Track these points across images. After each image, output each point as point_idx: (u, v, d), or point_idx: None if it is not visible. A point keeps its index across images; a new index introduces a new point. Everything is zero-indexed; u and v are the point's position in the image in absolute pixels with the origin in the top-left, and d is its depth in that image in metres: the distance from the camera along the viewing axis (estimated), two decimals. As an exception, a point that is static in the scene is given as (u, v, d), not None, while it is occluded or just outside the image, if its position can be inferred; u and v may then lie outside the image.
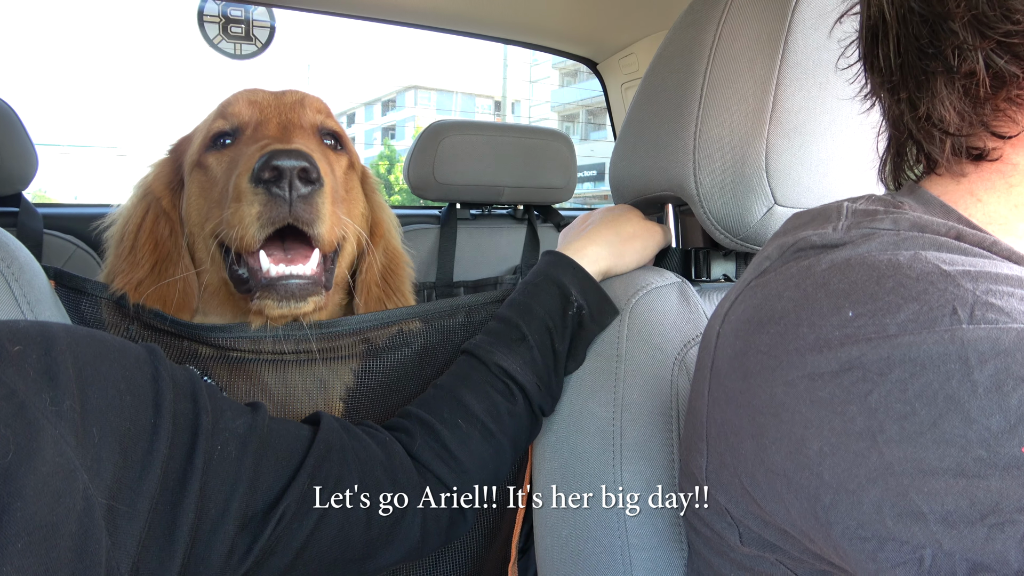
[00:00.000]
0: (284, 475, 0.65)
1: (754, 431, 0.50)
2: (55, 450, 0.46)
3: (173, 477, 0.56)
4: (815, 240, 0.54)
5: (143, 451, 0.54)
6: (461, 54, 65.14)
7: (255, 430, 0.64)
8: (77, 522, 0.46)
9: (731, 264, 1.05)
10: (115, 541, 0.49)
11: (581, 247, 0.90)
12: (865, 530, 0.42)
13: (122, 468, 0.52)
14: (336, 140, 0.95)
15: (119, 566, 0.49)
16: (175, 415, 0.57)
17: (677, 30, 0.93)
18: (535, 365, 0.82)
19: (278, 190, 0.74)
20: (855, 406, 0.43)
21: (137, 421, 0.54)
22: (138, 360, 0.58)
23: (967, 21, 0.49)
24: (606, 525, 0.75)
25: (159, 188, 0.91)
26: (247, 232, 0.75)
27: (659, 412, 0.77)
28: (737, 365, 0.53)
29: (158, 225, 0.88)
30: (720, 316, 0.59)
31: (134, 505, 0.52)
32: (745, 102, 0.82)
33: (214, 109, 0.92)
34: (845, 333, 0.45)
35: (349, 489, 0.68)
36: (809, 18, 0.81)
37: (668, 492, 0.74)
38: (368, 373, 0.89)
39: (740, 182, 0.82)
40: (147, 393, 0.56)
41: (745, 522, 0.55)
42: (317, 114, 0.93)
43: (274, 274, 0.78)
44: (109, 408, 0.52)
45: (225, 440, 0.61)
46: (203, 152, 0.88)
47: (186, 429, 0.58)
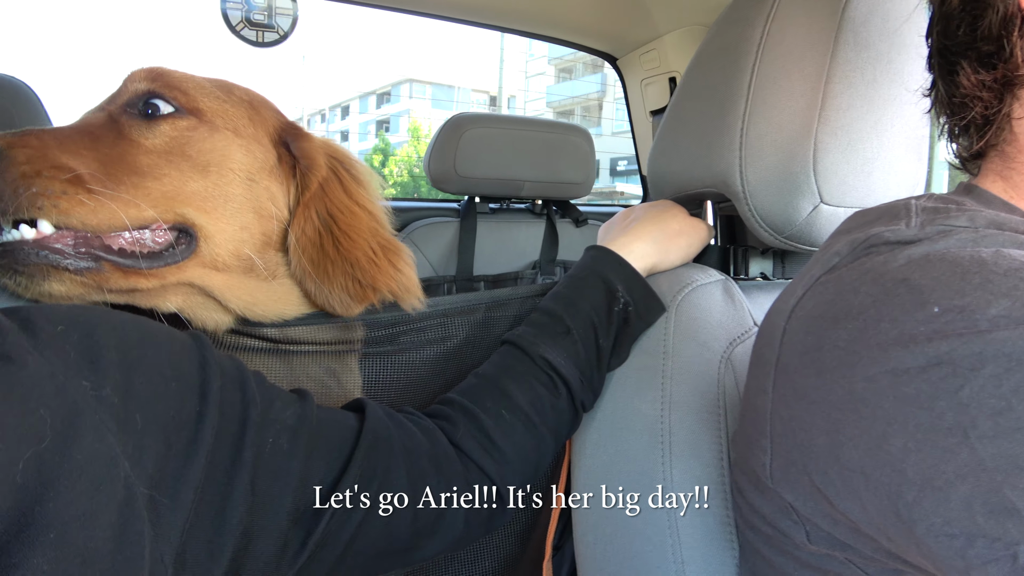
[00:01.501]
0: (334, 468, 0.64)
1: (828, 427, 0.50)
2: (95, 436, 0.45)
3: (220, 468, 0.54)
4: (888, 236, 0.54)
5: (187, 440, 0.52)
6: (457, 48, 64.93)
7: (305, 421, 0.63)
8: (117, 511, 0.44)
9: (768, 262, 1.04)
10: (157, 531, 0.48)
11: (627, 243, 0.89)
12: (952, 527, 0.42)
13: (165, 457, 0.50)
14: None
15: (163, 556, 0.48)
16: (222, 404, 0.56)
17: (721, 26, 0.92)
18: (578, 359, 0.82)
19: None
20: (944, 401, 0.42)
21: (182, 409, 0.53)
22: (184, 346, 0.57)
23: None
24: (655, 523, 0.75)
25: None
26: None
27: (707, 410, 0.77)
28: (809, 361, 0.53)
29: None
30: (784, 312, 0.59)
31: (177, 495, 0.50)
32: (794, 100, 0.81)
33: None
34: (932, 328, 0.44)
35: (397, 480, 0.68)
36: (860, 14, 0.80)
37: (718, 490, 0.74)
38: (404, 367, 0.88)
39: (787, 180, 0.82)
40: (193, 380, 0.55)
41: (813, 520, 0.55)
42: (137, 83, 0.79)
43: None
44: (153, 394, 0.51)
45: (276, 432, 0.60)
46: None
47: (234, 419, 0.57)
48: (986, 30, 0.57)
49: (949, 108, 0.64)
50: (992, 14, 0.57)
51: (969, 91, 0.60)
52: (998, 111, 0.59)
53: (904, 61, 0.82)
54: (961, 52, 0.60)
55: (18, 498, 0.40)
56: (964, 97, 0.61)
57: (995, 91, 0.59)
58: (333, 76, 64.54)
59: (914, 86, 0.83)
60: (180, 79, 0.76)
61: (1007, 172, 0.62)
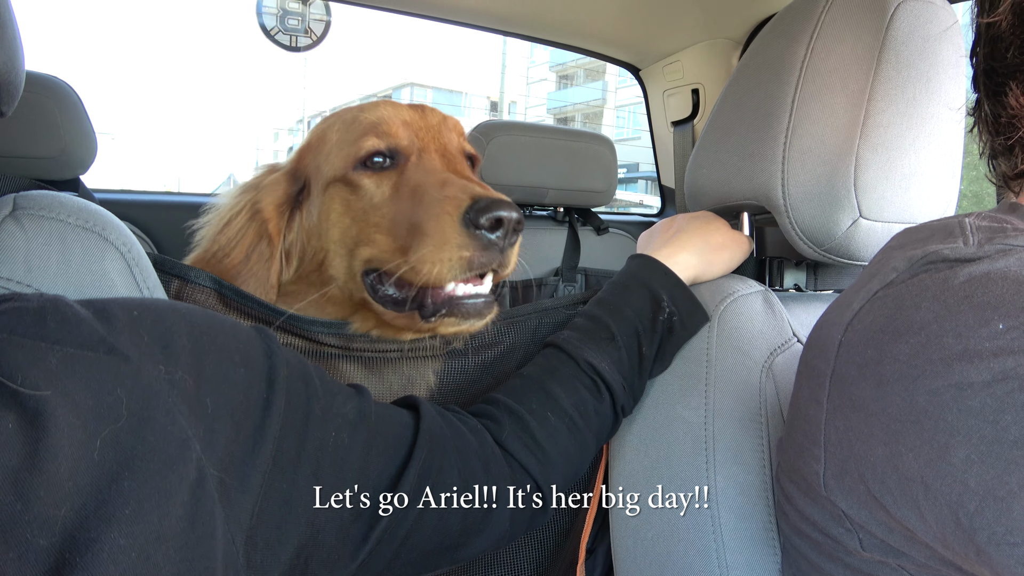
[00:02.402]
0: (393, 464, 0.66)
1: (887, 438, 0.52)
2: (167, 418, 0.46)
3: (286, 456, 0.56)
4: (947, 254, 0.55)
5: (255, 425, 0.54)
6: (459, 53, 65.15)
7: (364, 416, 0.65)
8: (190, 492, 0.46)
9: (801, 274, 1.06)
10: (228, 513, 0.50)
11: (671, 253, 0.91)
12: (1015, 536, 0.44)
13: (234, 441, 0.52)
14: (472, 162, 0.96)
15: (233, 537, 0.50)
16: (288, 392, 0.57)
17: (764, 42, 0.95)
18: (622, 365, 0.83)
19: (494, 238, 0.76)
20: (1010, 415, 0.44)
21: (250, 394, 0.54)
22: (250, 336, 0.59)
23: None
24: (699, 528, 0.77)
25: (268, 208, 0.90)
26: (450, 273, 0.76)
27: (749, 418, 0.78)
28: (869, 373, 0.54)
29: (259, 246, 0.88)
30: (840, 325, 0.60)
31: (246, 478, 0.52)
32: (836, 116, 0.83)
33: (352, 121, 0.90)
34: (997, 345, 0.46)
35: (450, 479, 0.69)
36: (902, 33, 0.82)
37: (760, 496, 0.75)
38: (451, 372, 0.91)
39: (829, 194, 0.84)
40: (261, 367, 0.57)
41: (867, 527, 0.56)
42: (460, 137, 0.94)
43: (460, 293, 0.80)
44: (223, 380, 0.52)
45: (338, 426, 0.62)
46: (351, 169, 0.87)
47: (299, 409, 0.58)
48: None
49: (995, 128, 0.66)
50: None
51: (1017, 112, 0.62)
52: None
53: (942, 80, 0.84)
54: (1010, 74, 0.62)
55: (96, 475, 0.42)
56: (1012, 118, 0.62)
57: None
58: (335, 79, 64.85)
59: (952, 104, 0.85)
60: None
61: None
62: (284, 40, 1.80)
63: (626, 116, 32.50)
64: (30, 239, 0.60)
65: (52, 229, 0.62)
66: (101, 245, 0.64)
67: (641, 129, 10.35)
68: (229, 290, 0.81)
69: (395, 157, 0.88)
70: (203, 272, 0.81)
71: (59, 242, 0.62)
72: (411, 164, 0.87)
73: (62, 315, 0.46)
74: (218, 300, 0.81)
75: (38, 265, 0.60)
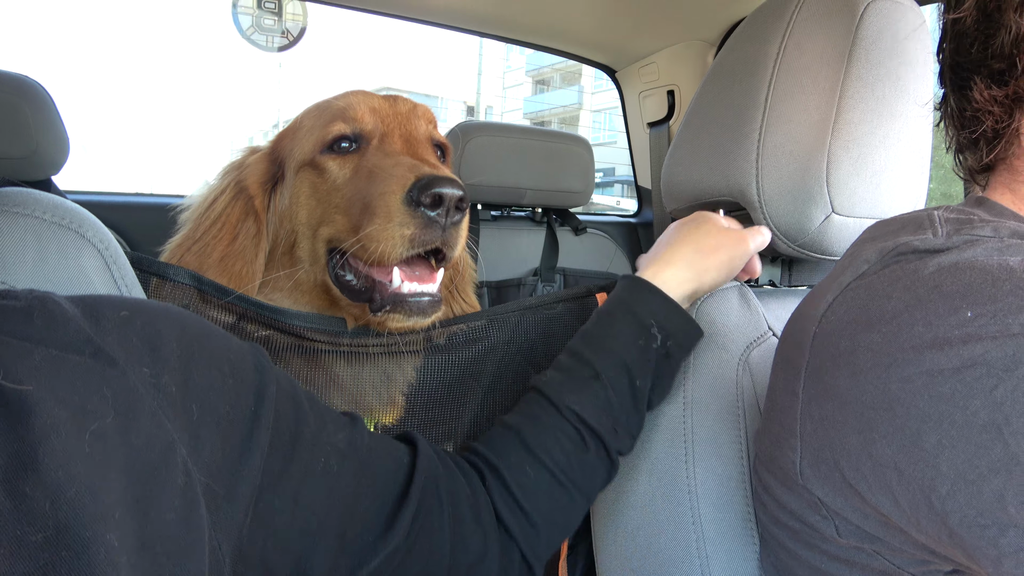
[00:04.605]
0: (387, 502, 0.64)
1: (861, 426, 0.53)
2: (152, 421, 0.46)
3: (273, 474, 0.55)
4: (917, 245, 0.57)
5: (243, 436, 0.53)
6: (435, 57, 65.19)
7: (355, 448, 0.63)
8: (180, 495, 0.45)
9: (776, 270, 1.08)
10: (215, 519, 0.49)
11: (658, 271, 0.85)
12: (985, 518, 0.45)
13: (220, 450, 0.51)
14: (442, 151, 0.97)
15: (220, 545, 0.49)
16: (277, 411, 0.56)
17: (738, 42, 0.96)
18: (610, 406, 0.76)
19: (435, 215, 0.76)
20: (979, 400, 0.45)
21: (237, 405, 0.53)
22: (242, 350, 0.58)
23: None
24: (679, 520, 0.78)
25: (253, 186, 0.91)
26: (393, 250, 0.77)
27: (727, 410, 0.80)
28: (843, 363, 0.56)
29: (245, 222, 0.89)
30: (814, 318, 0.62)
31: (233, 488, 0.51)
32: (809, 113, 0.85)
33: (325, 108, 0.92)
34: (966, 332, 0.47)
35: (440, 523, 0.67)
36: (872, 32, 0.84)
37: (739, 486, 0.76)
38: (430, 369, 0.91)
39: (801, 190, 0.86)
40: (251, 380, 0.56)
41: (843, 514, 0.58)
42: (428, 124, 0.94)
43: (406, 291, 0.81)
44: (210, 388, 0.52)
45: (327, 454, 0.60)
46: (319, 153, 0.89)
47: (287, 430, 0.57)
48: (998, 48, 0.61)
49: (960, 122, 0.68)
50: (1004, 34, 0.60)
51: (981, 106, 0.64)
52: (1008, 125, 0.63)
53: (911, 79, 0.86)
54: (974, 69, 0.64)
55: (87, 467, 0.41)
56: (976, 112, 0.64)
57: (1006, 106, 0.62)
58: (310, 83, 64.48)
59: (920, 101, 0.87)
60: None
61: (1015, 185, 0.66)
62: (260, 40, 1.79)
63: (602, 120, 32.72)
64: (5, 236, 0.59)
65: (27, 226, 0.61)
66: (78, 242, 0.63)
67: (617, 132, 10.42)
68: (208, 286, 0.80)
69: (359, 141, 0.89)
70: (181, 269, 0.80)
71: (35, 239, 0.61)
72: (372, 147, 0.88)
73: (50, 314, 0.45)
74: (198, 296, 0.81)
75: (14, 262, 0.59)
